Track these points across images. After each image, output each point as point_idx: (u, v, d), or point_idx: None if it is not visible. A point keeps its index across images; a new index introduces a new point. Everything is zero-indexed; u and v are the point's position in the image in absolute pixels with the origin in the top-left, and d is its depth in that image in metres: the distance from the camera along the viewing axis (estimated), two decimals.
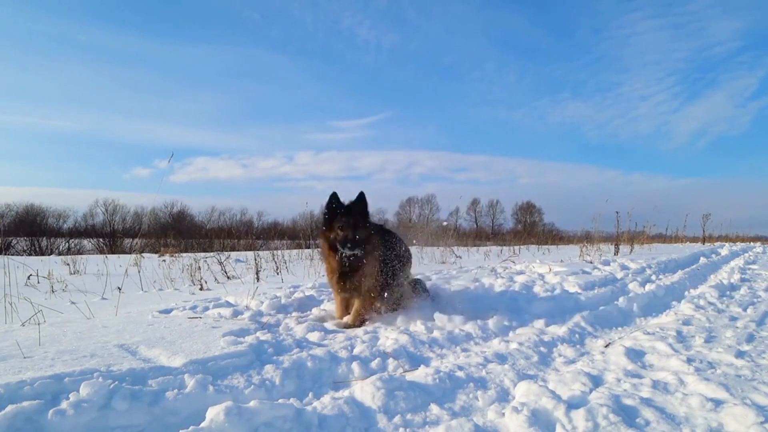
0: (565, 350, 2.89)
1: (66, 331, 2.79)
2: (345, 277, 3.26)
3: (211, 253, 11.27)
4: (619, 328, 3.61)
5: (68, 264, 8.78)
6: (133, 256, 10.92)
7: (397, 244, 3.67)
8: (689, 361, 2.56)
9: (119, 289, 4.27)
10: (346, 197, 3.31)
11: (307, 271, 7.52)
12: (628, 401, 1.98)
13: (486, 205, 63.49)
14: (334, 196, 3.24)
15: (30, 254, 29.19)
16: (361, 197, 3.26)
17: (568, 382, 2.21)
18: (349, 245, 3.10)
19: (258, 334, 2.84)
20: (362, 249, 3.20)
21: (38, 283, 6.15)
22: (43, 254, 28.66)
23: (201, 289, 5.61)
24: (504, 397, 2.13)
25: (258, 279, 6.39)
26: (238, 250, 15.60)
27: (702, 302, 4.58)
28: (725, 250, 14.75)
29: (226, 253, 11.77)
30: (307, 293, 4.37)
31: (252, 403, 1.74)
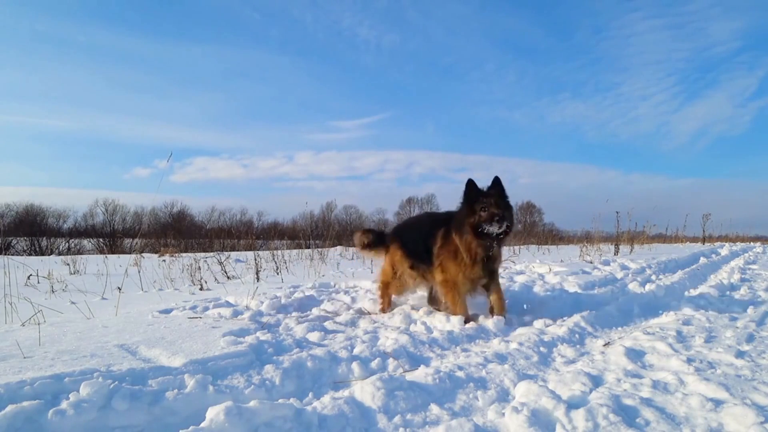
0: (565, 350, 2.89)
1: (66, 331, 2.79)
2: (489, 261, 3.36)
3: (211, 253, 11.28)
4: (619, 328, 3.61)
5: (68, 264, 8.79)
6: (133, 256, 10.92)
7: None
8: (689, 361, 2.56)
9: (119, 289, 4.27)
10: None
11: (307, 271, 7.52)
12: (628, 401, 1.98)
13: None
14: (471, 183, 3.35)
15: (30, 254, 29.20)
16: (497, 181, 3.38)
17: (568, 382, 2.21)
18: (497, 219, 3.16)
19: (258, 334, 2.84)
20: (510, 225, 3.30)
21: (38, 283, 6.15)
22: (43, 254, 28.68)
23: (201, 289, 5.62)
24: (504, 397, 2.13)
25: (258, 279, 6.39)
26: (238, 250, 15.60)
27: (702, 302, 4.57)
28: (725, 250, 14.74)
29: (226, 253, 11.78)
30: (307, 293, 4.37)
31: (252, 403, 1.74)
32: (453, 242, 3.41)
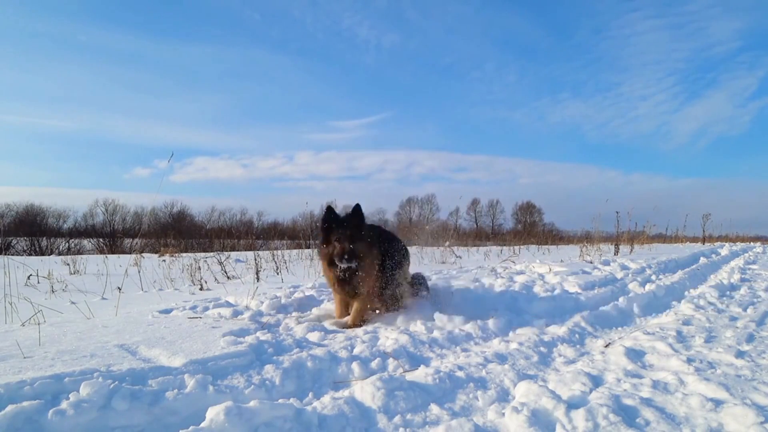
0: (565, 350, 2.89)
1: (66, 331, 2.79)
2: (344, 284, 3.32)
3: (211, 253, 11.27)
4: (619, 328, 3.61)
5: (68, 264, 8.78)
6: (133, 256, 10.92)
7: (395, 244, 3.69)
8: (689, 361, 2.56)
9: (119, 289, 4.27)
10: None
11: (307, 271, 7.52)
12: (628, 401, 1.98)
13: (486, 205, 63.55)
14: (329, 210, 3.31)
15: (30, 254, 29.20)
16: (357, 210, 3.29)
17: (568, 382, 2.21)
18: (346, 257, 3.14)
19: (258, 334, 2.84)
20: (357, 262, 3.22)
21: (38, 283, 6.15)
22: (43, 254, 28.67)
23: (201, 289, 5.61)
24: (504, 397, 2.13)
25: (258, 279, 6.39)
26: (238, 250, 15.60)
27: (702, 302, 4.58)
28: (725, 250, 14.75)
29: (226, 253, 11.78)
30: (307, 293, 4.37)
31: (252, 403, 1.74)
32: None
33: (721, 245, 18.63)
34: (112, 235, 42.84)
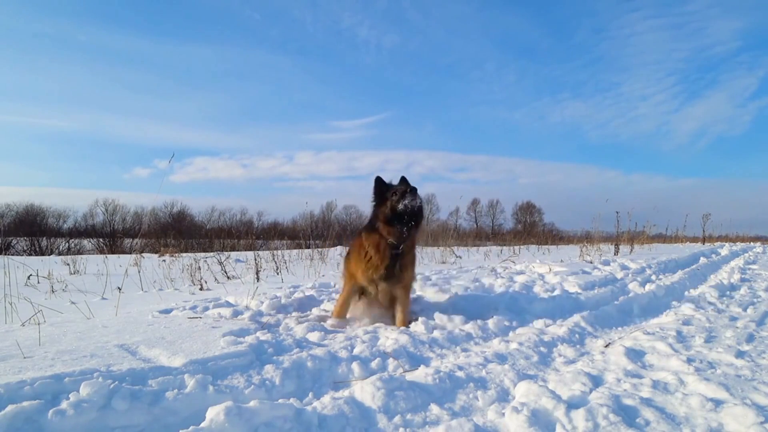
0: (565, 350, 2.89)
1: (66, 331, 2.79)
2: (394, 260, 3.24)
3: (211, 253, 11.27)
4: (619, 328, 3.61)
5: (68, 264, 8.78)
6: (133, 256, 10.92)
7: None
8: (689, 361, 2.56)
9: (119, 289, 4.27)
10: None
11: (307, 271, 7.52)
12: (628, 401, 1.98)
13: (486, 205, 63.55)
14: (378, 180, 3.39)
15: (30, 254, 29.19)
16: (404, 178, 3.40)
17: (568, 382, 2.21)
18: (409, 192, 3.12)
19: (258, 334, 2.84)
20: (416, 230, 3.28)
21: (38, 283, 6.15)
22: (43, 254, 28.66)
23: (201, 289, 5.61)
24: (504, 397, 2.13)
25: (258, 279, 6.39)
26: (238, 250, 15.59)
27: (702, 302, 4.58)
28: (725, 250, 14.75)
29: (226, 253, 11.77)
30: (307, 293, 4.37)
31: (252, 403, 1.74)
32: (359, 241, 3.42)
33: (721, 245, 18.63)
34: (112, 235, 42.81)
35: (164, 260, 10.51)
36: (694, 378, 2.26)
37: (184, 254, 12.77)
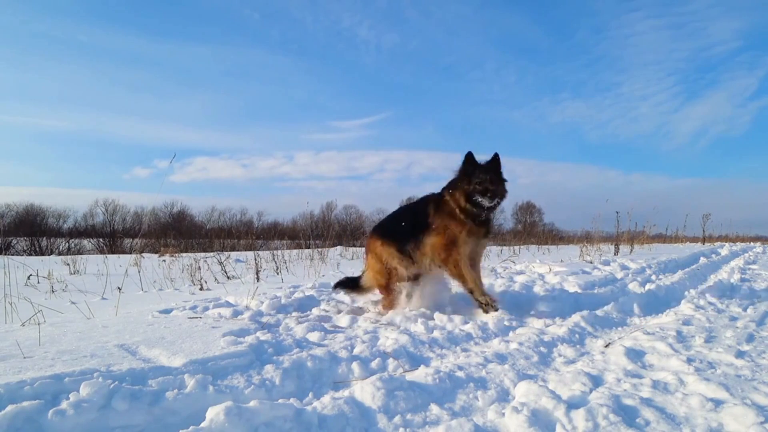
0: (565, 350, 2.89)
1: (66, 331, 2.79)
2: (483, 223, 3.45)
3: (211, 253, 11.28)
4: (619, 328, 3.61)
5: (68, 264, 8.78)
6: (133, 256, 10.92)
7: None
8: (689, 361, 2.56)
9: (119, 289, 4.27)
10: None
11: (307, 271, 7.52)
12: (628, 401, 1.98)
13: None
14: (469, 155, 3.46)
15: (30, 254, 29.19)
16: (496, 157, 3.50)
17: (568, 382, 2.21)
18: (489, 194, 3.29)
19: (258, 334, 2.84)
20: (500, 200, 3.44)
21: (38, 283, 6.15)
22: (43, 254, 28.66)
23: (201, 289, 5.62)
24: (504, 397, 2.13)
25: (258, 279, 6.39)
26: (238, 250, 15.60)
27: (702, 302, 4.58)
28: (725, 250, 14.75)
29: (226, 253, 11.78)
30: (307, 293, 4.37)
31: (252, 403, 1.74)
32: (448, 204, 3.46)
33: (721, 245, 18.64)
34: (112, 235, 42.82)
35: (164, 260, 10.51)
36: (694, 378, 2.26)
37: (184, 254, 12.78)
